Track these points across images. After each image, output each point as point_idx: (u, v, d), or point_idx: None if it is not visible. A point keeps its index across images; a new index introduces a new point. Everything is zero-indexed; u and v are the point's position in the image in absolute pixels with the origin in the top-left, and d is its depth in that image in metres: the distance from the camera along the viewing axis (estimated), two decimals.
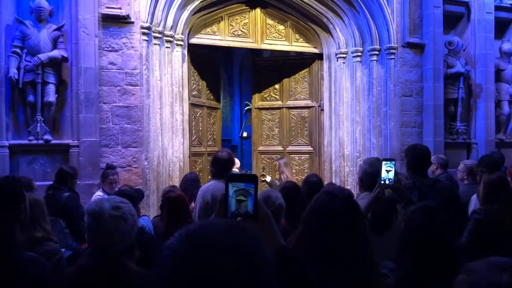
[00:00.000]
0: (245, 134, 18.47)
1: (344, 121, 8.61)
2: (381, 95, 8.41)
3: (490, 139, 8.92)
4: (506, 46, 9.23)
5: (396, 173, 2.93)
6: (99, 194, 5.48)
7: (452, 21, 8.91)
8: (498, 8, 9.07)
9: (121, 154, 6.63)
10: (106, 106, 6.58)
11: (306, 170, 9.07)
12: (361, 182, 3.40)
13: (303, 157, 9.27)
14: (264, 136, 9.48)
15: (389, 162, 2.96)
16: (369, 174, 3.27)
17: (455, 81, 8.74)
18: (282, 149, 9.35)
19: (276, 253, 1.29)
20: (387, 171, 2.90)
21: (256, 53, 16.79)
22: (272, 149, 9.41)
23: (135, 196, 4.38)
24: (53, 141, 6.26)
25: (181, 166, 7.39)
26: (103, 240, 2.05)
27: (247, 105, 17.51)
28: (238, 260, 0.78)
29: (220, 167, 3.94)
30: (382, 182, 2.90)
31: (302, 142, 9.25)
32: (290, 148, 9.34)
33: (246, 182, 1.26)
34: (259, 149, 9.51)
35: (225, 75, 19.82)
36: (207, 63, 8.81)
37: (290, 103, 9.29)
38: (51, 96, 6.16)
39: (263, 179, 7.53)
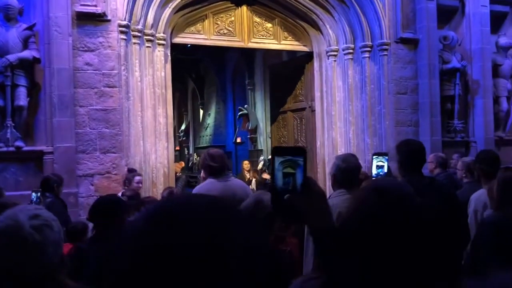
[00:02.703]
0: (239, 140, 18.13)
1: (336, 121, 8.24)
2: (374, 93, 8.07)
3: (489, 137, 8.57)
4: (502, 40, 8.91)
5: (389, 168, 2.56)
6: None
7: (446, 15, 8.59)
8: (493, 1, 8.76)
9: (99, 161, 6.23)
10: (83, 109, 6.19)
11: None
12: (334, 178, 3.15)
13: None
14: (277, 140, 9.67)
15: (380, 157, 2.59)
16: (343, 170, 3.04)
17: (451, 77, 8.41)
18: None
19: (327, 234, 1.13)
20: (379, 167, 2.53)
21: (248, 56, 16.58)
22: None
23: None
24: (25, 148, 5.86)
25: (166, 172, 6.99)
26: (27, 262, 1.56)
27: (241, 110, 17.19)
28: (217, 250, 0.58)
29: (223, 162, 3.72)
30: (374, 178, 2.52)
31: (301, 145, 8.93)
32: None
33: (294, 156, 1.10)
34: None
35: (218, 80, 19.57)
36: None
37: (292, 105, 9.15)
38: (22, 100, 5.77)
39: None
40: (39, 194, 4.41)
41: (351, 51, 8.17)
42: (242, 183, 4.16)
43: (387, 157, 2.63)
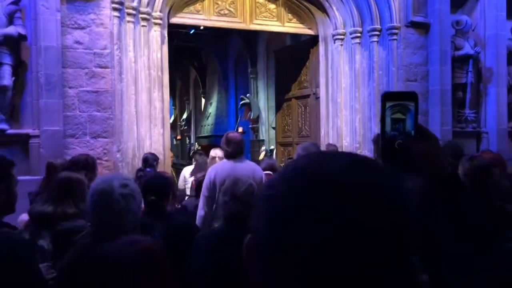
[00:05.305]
0: (240, 130, 17.74)
1: (342, 109, 7.85)
2: (382, 80, 7.65)
3: (502, 128, 8.16)
4: None
5: None
6: None
7: None
8: None
9: (90, 146, 5.86)
10: (72, 91, 5.80)
11: None
12: None
13: None
14: (282, 128, 9.42)
15: None
16: None
17: (464, 64, 7.98)
18: (292, 140, 8.98)
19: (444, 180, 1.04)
20: None
21: (250, 43, 16.16)
22: (286, 141, 9.27)
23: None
24: (10, 131, 5.48)
25: (161, 159, 6.60)
26: (112, 221, 1.94)
27: (243, 99, 16.78)
28: (374, 206, 0.54)
29: (236, 146, 4.05)
30: None
31: (305, 134, 8.55)
32: (297, 139, 8.78)
33: (405, 101, 1.04)
34: (279, 141, 9.65)
35: (220, 68, 19.15)
36: None
37: (297, 92, 8.78)
38: (6, 79, 5.38)
39: None
40: None
41: (358, 35, 7.75)
42: (252, 164, 4.31)
43: None
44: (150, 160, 5.70)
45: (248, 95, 16.56)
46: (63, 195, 2.75)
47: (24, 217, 3.22)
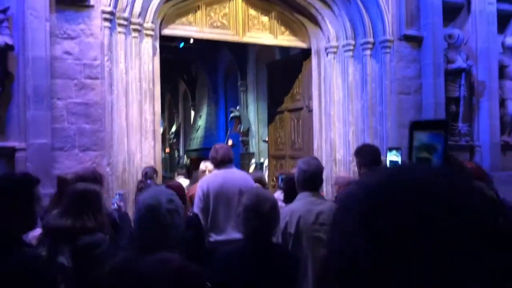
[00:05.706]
0: (230, 142, 17.61)
1: (335, 122, 7.77)
2: (376, 92, 7.60)
3: (495, 142, 8.13)
4: (509, 40, 8.49)
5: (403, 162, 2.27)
6: None
7: (451, 13, 8.15)
8: None
9: (79, 159, 5.68)
10: (61, 102, 5.63)
11: None
12: (297, 182, 3.31)
13: None
14: (274, 141, 9.30)
15: (394, 151, 2.39)
16: (304, 172, 3.22)
17: (456, 77, 7.97)
18: (285, 153, 8.87)
19: None
20: (393, 162, 2.39)
21: (240, 56, 16.13)
22: (279, 153, 9.13)
23: None
24: None
25: None
26: (158, 236, 1.98)
27: (232, 112, 16.67)
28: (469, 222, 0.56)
29: (224, 154, 4.16)
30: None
31: (298, 147, 8.44)
32: (290, 152, 8.68)
33: (433, 131, 1.03)
34: (271, 153, 9.50)
35: (210, 81, 19.07)
36: None
37: (290, 105, 8.70)
38: None
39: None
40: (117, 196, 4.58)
41: (351, 48, 7.71)
42: (242, 173, 4.43)
43: (401, 151, 2.39)
44: (149, 174, 5.86)
45: (238, 107, 16.49)
46: (81, 208, 2.70)
47: (36, 231, 3.12)
